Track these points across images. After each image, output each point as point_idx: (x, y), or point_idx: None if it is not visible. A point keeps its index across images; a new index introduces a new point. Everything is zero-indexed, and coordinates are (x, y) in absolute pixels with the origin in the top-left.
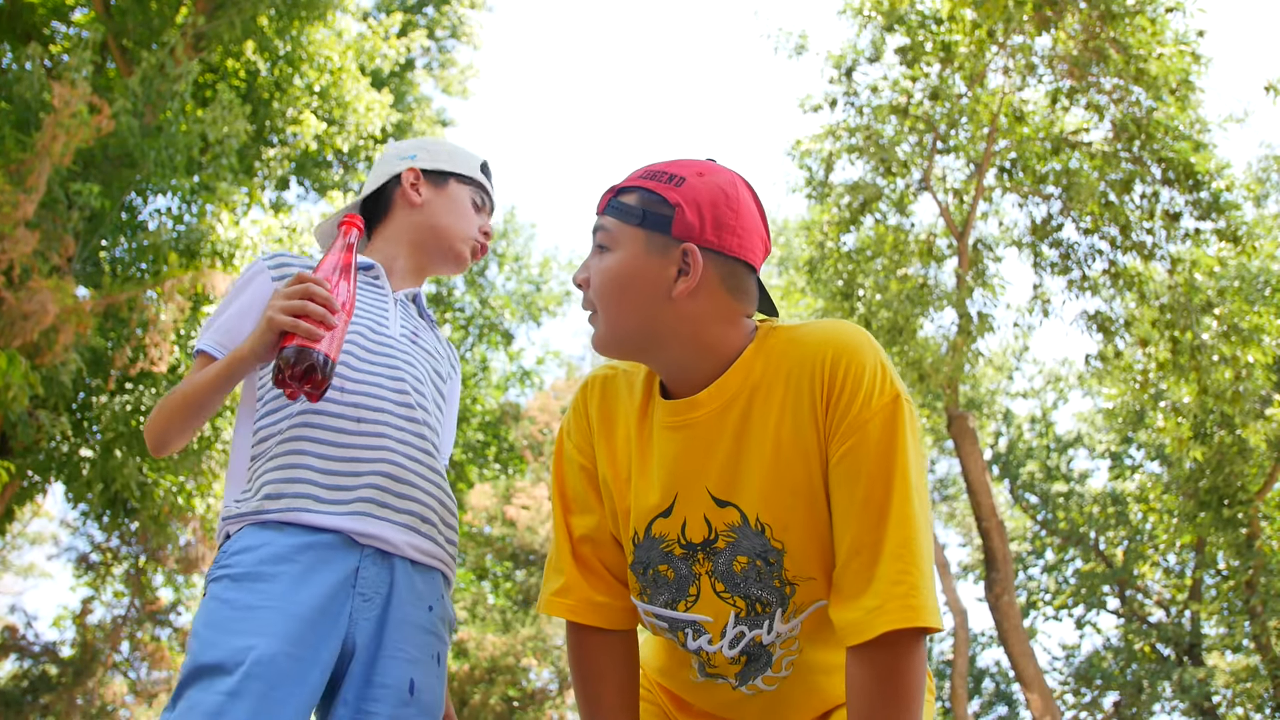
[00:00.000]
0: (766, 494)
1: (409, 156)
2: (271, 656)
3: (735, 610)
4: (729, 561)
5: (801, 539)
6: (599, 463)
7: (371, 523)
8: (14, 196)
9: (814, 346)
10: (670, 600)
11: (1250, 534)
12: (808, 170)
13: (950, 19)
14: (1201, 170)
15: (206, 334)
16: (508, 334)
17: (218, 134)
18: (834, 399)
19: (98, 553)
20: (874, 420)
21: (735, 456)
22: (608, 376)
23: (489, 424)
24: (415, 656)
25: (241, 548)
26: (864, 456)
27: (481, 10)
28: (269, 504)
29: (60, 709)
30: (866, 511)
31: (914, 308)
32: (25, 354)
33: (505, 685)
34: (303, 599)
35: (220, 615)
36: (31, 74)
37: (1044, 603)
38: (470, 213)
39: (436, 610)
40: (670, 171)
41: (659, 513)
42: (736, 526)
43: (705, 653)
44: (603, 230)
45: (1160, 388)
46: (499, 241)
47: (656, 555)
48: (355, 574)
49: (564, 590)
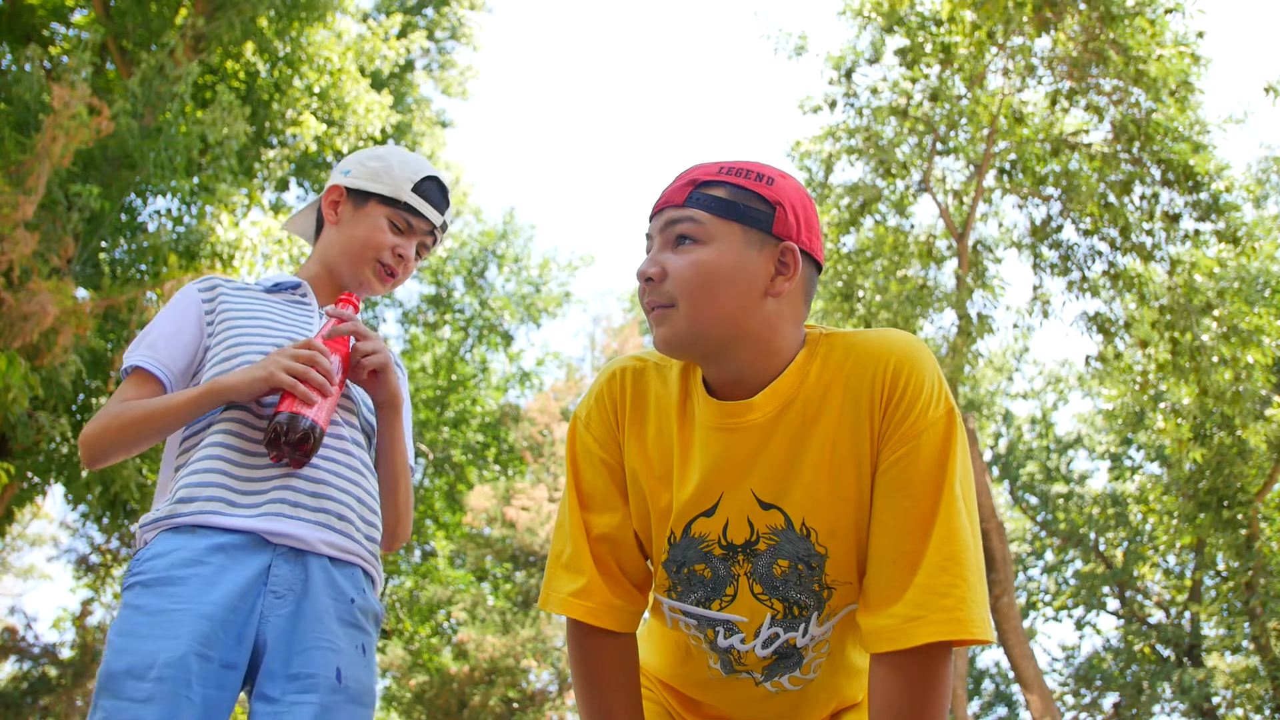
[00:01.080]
0: (816, 499)
1: (344, 172)
2: (180, 658)
3: (772, 613)
4: (769, 564)
5: (845, 545)
6: (628, 455)
7: (284, 522)
8: (13, 198)
9: (875, 354)
10: (704, 599)
11: (1250, 535)
12: (807, 171)
13: (950, 20)
14: (1201, 171)
15: (139, 349)
16: (507, 335)
17: (217, 135)
18: (892, 407)
19: (97, 554)
20: (929, 431)
21: (787, 461)
22: (639, 368)
23: (489, 425)
24: (339, 646)
25: (154, 554)
26: (915, 466)
27: (481, 11)
28: (181, 508)
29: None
30: (911, 521)
31: (914, 309)
32: (25, 355)
33: (505, 686)
34: (212, 599)
35: (132, 622)
36: (31, 75)
37: (1044, 604)
38: (382, 236)
39: (359, 603)
40: (754, 169)
41: (701, 512)
42: (780, 530)
43: (736, 651)
44: (690, 222)
45: (1160, 389)
46: (498, 243)
47: (694, 555)
48: (267, 572)
49: (584, 592)
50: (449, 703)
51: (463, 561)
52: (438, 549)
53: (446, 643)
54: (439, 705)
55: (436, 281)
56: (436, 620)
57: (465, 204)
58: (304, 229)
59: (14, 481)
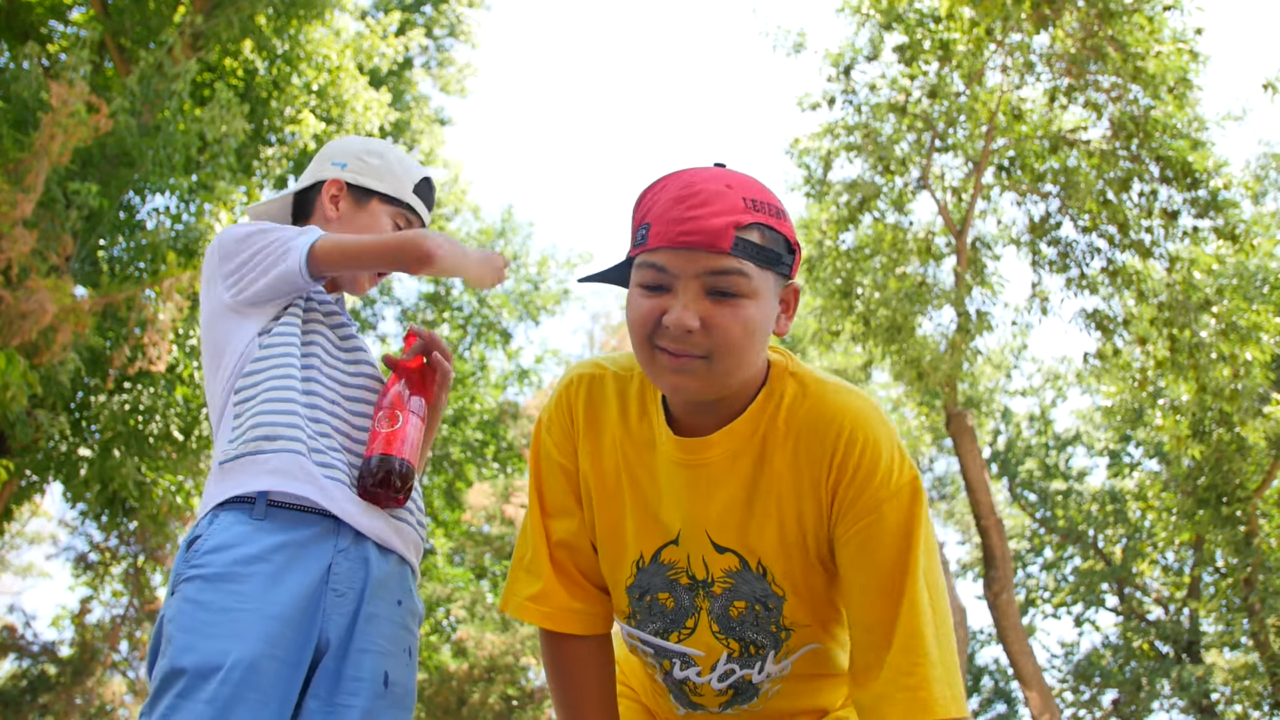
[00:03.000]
0: (767, 544)
1: (340, 164)
2: (252, 661)
3: (728, 651)
4: (725, 605)
5: (801, 588)
6: (581, 461)
7: (350, 497)
8: (12, 196)
9: (830, 418)
10: (662, 630)
11: (1249, 531)
12: (806, 168)
13: (948, 17)
14: (1200, 168)
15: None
16: (506, 333)
17: (216, 133)
18: (848, 478)
19: (96, 552)
20: (891, 501)
21: (742, 503)
22: (595, 376)
23: (487, 423)
24: (388, 649)
25: (214, 546)
26: (879, 538)
27: (479, 9)
28: (265, 444)
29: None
30: (880, 593)
31: (912, 306)
32: (24, 353)
33: (504, 684)
34: (279, 599)
35: (198, 619)
36: (29, 73)
37: (1043, 600)
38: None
39: (405, 604)
40: (773, 204)
41: (668, 540)
42: (735, 571)
43: (692, 683)
44: (740, 276)
45: (1159, 385)
46: (497, 240)
47: (660, 582)
48: (329, 570)
49: (540, 597)
50: (448, 700)
51: (462, 559)
52: (437, 547)
53: (446, 640)
54: (438, 703)
55: (435, 279)
56: (436, 618)
57: (464, 201)
58: (276, 216)
59: (13, 479)
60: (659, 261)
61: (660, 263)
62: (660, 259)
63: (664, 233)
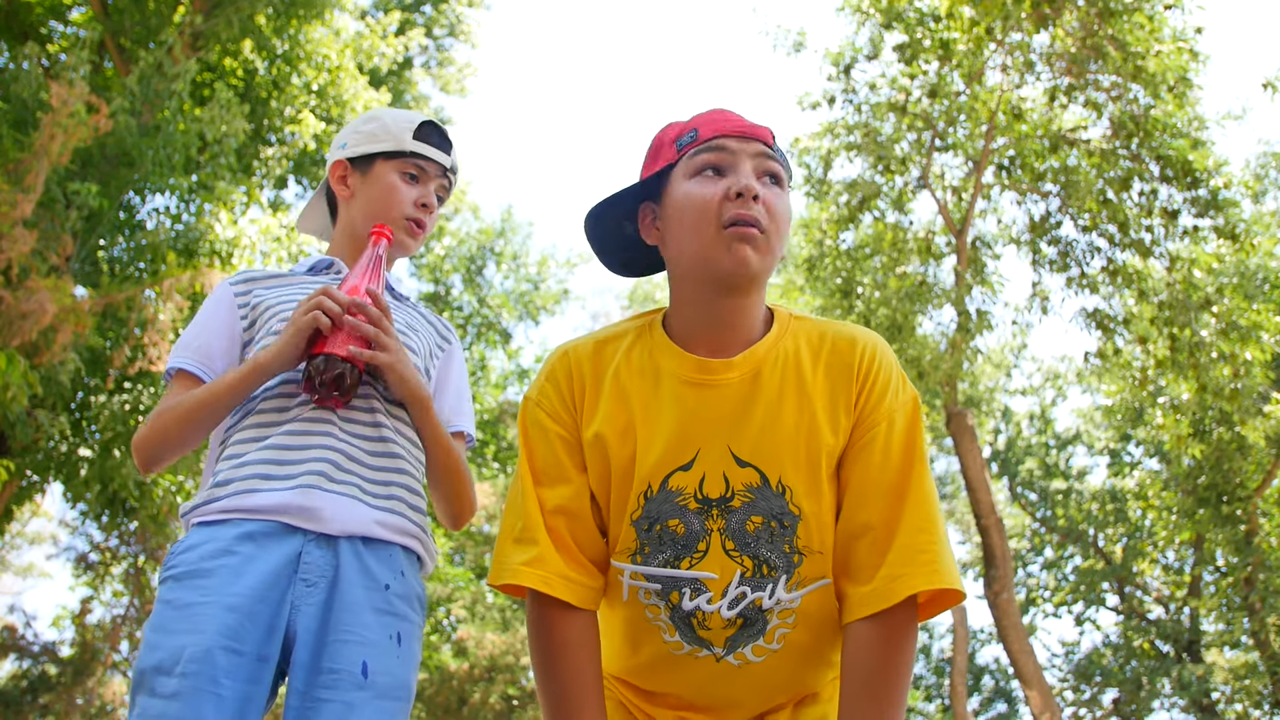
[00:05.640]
0: (795, 459)
1: (340, 146)
2: (205, 652)
3: (741, 569)
4: (743, 520)
5: (819, 509)
6: (593, 424)
7: (317, 495)
8: (12, 196)
9: (853, 341)
10: (672, 558)
11: (1249, 530)
12: (806, 168)
13: (948, 16)
14: (1200, 167)
15: (176, 353)
16: (506, 333)
17: (216, 133)
18: (868, 389)
19: (96, 552)
20: (900, 411)
21: (766, 422)
22: (582, 343)
23: (488, 423)
24: (367, 639)
25: (186, 546)
26: (889, 442)
27: (479, 8)
28: (218, 491)
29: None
30: (887, 493)
31: (913, 305)
32: (24, 353)
33: (505, 684)
34: (239, 590)
35: (163, 617)
36: (29, 73)
37: (1043, 600)
38: (399, 194)
39: (395, 588)
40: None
41: (678, 466)
42: (755, 487)
43: (701, 613)
44: (783, 167)
45: (1159, 385)
46: (496, 240)
47: (669, 509)
48: (298, 559)
49: (537, 561)
50: (449, 700)
51: (462, 559)
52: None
53: (446, 640)
54: (439, 703)
55: (435, 279)
56: (436, 618)
57: (463, 201)
58: (320, 224)
59: (13, 479)
60: (720, 143)
61: (721, 144)
62: (721, 142)
63: (719, 127)
